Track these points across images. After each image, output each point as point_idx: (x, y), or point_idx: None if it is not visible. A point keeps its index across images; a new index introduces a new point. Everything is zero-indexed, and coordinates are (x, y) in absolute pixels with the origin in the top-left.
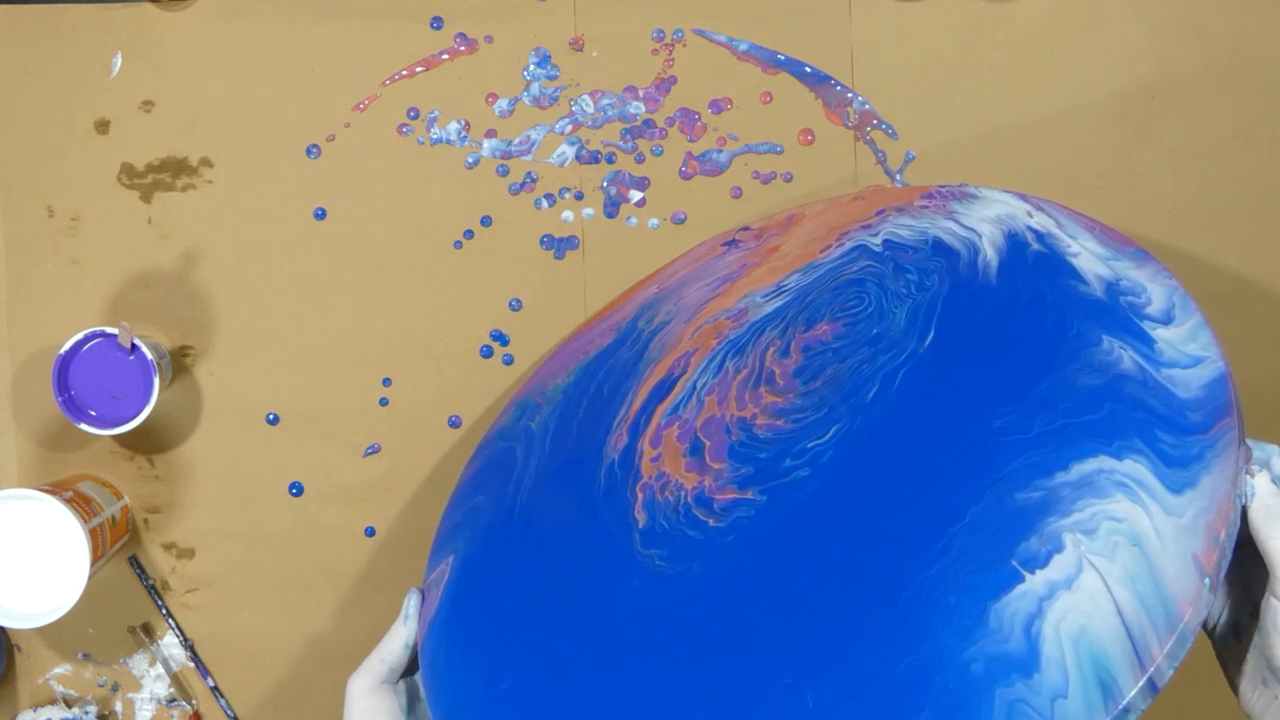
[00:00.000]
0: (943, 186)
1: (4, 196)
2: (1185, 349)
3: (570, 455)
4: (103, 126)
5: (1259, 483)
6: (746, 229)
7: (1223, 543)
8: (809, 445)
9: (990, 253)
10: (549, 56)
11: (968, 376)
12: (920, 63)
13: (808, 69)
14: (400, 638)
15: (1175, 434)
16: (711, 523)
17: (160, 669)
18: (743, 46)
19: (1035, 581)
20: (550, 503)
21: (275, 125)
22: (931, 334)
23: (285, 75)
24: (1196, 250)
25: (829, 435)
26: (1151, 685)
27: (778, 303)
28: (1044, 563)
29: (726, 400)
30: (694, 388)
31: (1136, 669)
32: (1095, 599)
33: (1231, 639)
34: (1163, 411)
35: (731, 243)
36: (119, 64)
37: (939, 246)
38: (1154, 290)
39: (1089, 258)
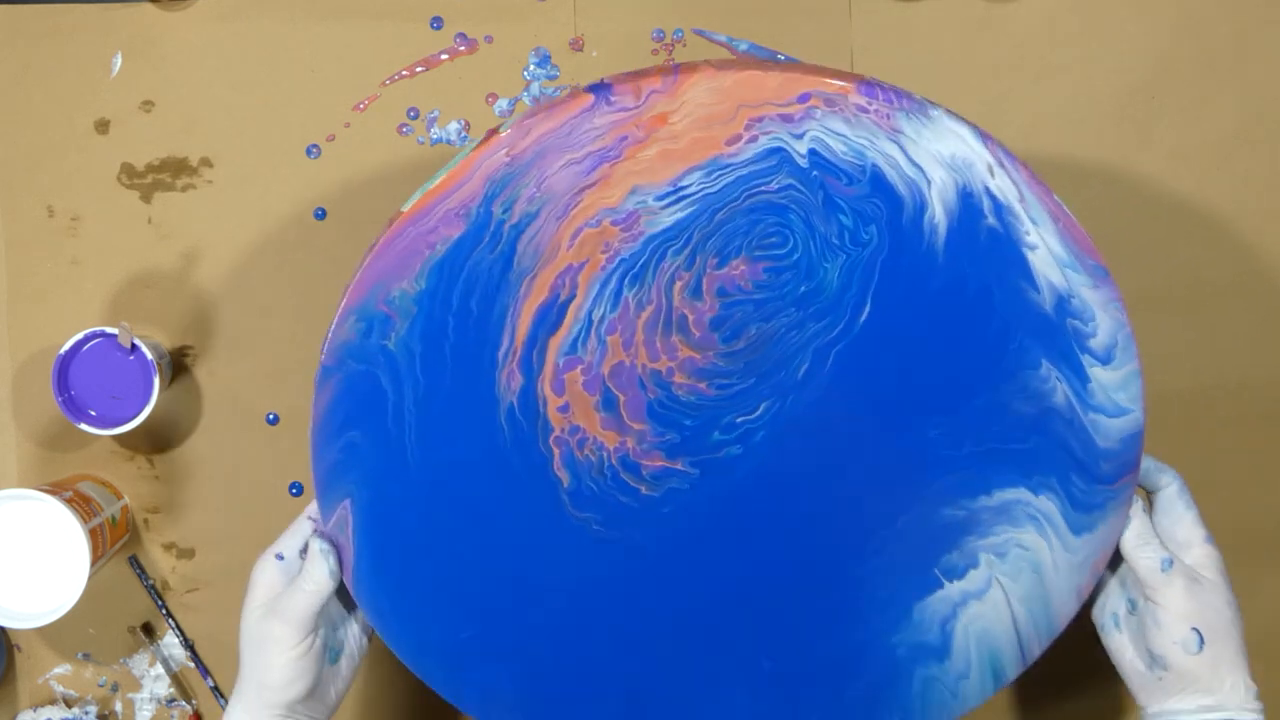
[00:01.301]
0: (884, 85)
1: (4, 196)
2: (1115, 397)
3: (453, 392)
4: (103, 126)
5: (1133, 513)
6: (619, 76)
7: (1102, 575)
8: (738, 420)
9: (939, 212)
10: (549, 56)
11: (905, 372)
12: (920, 63)
13: None
14: (325, 586)
15: (1087, 481)
16: (644, 490)
17: (160, 669)
18: (743, 46)
19: (953, 590)
20: (450, 450)
21: (275, 125)
22: (868, 308)
23: (285, 75)
24: (1196, 250)
25: (759, 412)
26: (1025, 667)
27: (678, 214)
28: (961, 575)
29: (634, 345)
30: (590, 320)
31: (1020, 663)
32: (998, 610)
33: (1114, 629)
34: (1080, 456)
35: (601, 90)
36: (119, 64)
37: (879, 183)
38: (1103, 321)
39: (1046, 256)
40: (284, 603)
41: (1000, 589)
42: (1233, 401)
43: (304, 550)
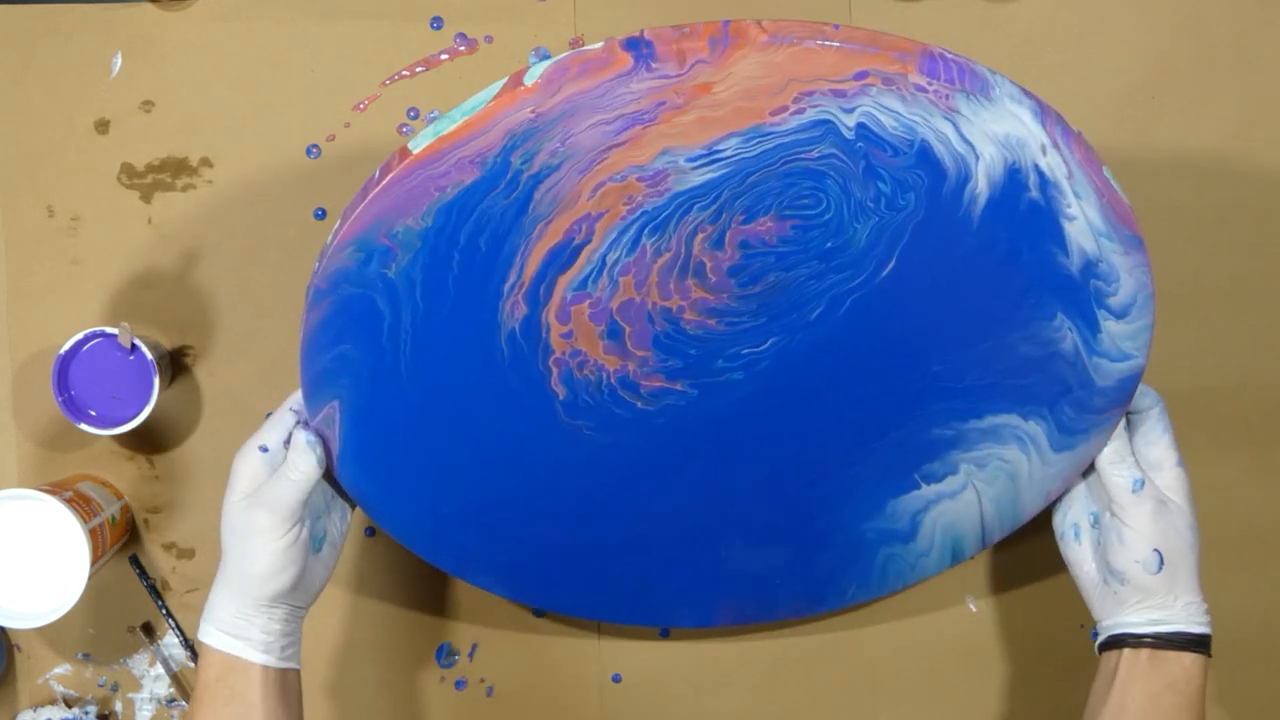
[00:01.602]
0: (951, 58)
1: (4, 196)
2: (1122, 345)
3: (453, 316)
4: (103, 126)
5: (1115, 432)
6: (662, 35)
7: (1071, 483)
8: (743, 351)
9: (983, 184)
10: (549, 56)
11: (918, 319)
12: None
13: None
14: (311, 474)
15: (1077, 410)
16: (639, 405)
17: (160, 669)
18: None
19: (929, 491)
20: (444, 366)
21: (275, 125)
22: (892, 263)
23: (285, 75)
24: (1196, 250)
25: (765, 346)
26: (983, 549)
27: (709, 175)
28: (939, 480)
29: (647, 285)
30: (604, 263)
31: (980, 547)
32: (968, 508)
33: (1073, 541)
34: (1076, 392)
35: (639, 49)
36: (119, 64)
37: (925, 156)
38: (1126, 283)
39: (1083, 225)
40: (269, 492)
41: (974, 491)
42: (1233, 401)
43: (288, 441)
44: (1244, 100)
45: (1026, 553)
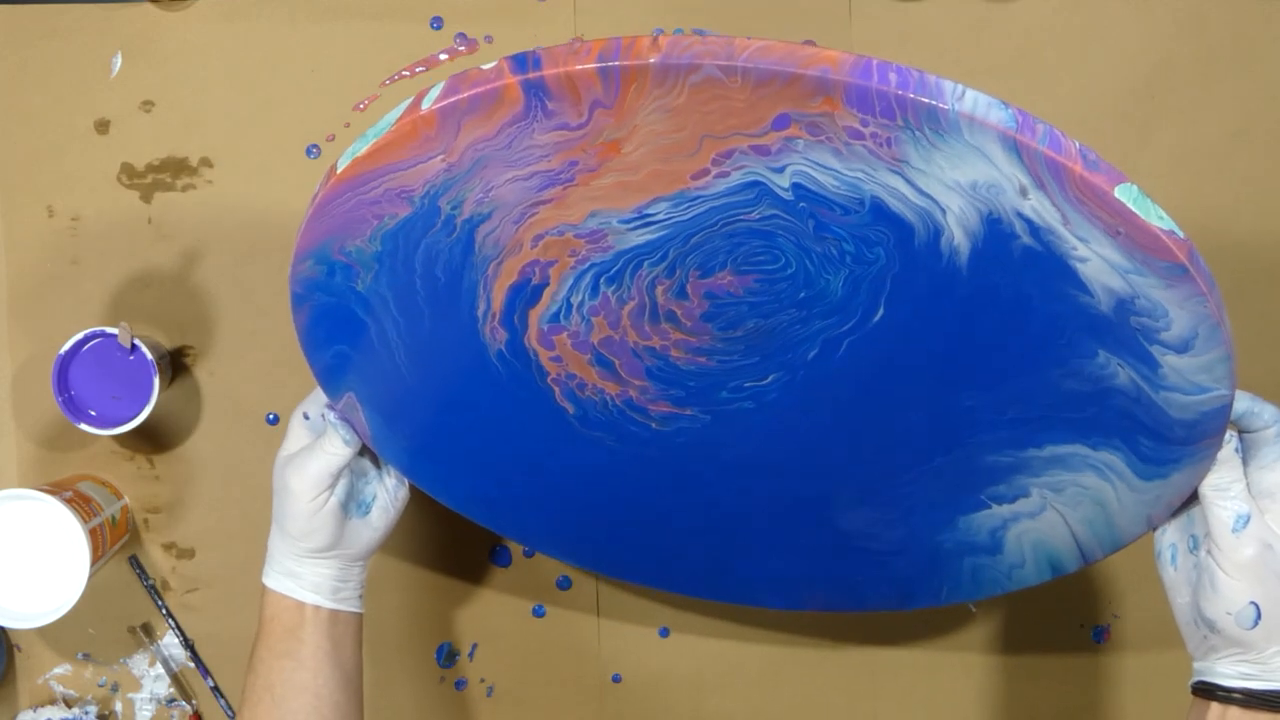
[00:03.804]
0: (888, 72)
1: (4, 196)
2: (1195, 379)
3: (436, 333)
4: (103, 126)
5: (1222, 455)
6: (552, 53)
7: (1174, 509)
8: (746, 385)
9: (959, 236)
10: None
11: (927, 359)
12: (920, 63)
13: None
14: (341, 453)
15: (1157, 441)
16: (653, 425)
17: (160, 669)
18: None
19: (1002, 510)
20: (446, 373)
21: (275, 125)
22: (881, 311)
23: (285, 75)
24: (1196, 250)
25: (768, 380)
26: (1085, 565)
27: (648, 236)
28: (1010, 501)
29: (620, 327)
30: (570, 305)
31: (1079, 561)
32: (1055, 528)
33: (1169, 564)
34: (1149, 424)
35: (532, 90)
36: (119, 64)
37: (881, 212)
38: (1178, 315)
39: (1101, 265)
40: (302, 459)
41: (1056, 513)
42: None
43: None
44: (1244, 100)
45: None
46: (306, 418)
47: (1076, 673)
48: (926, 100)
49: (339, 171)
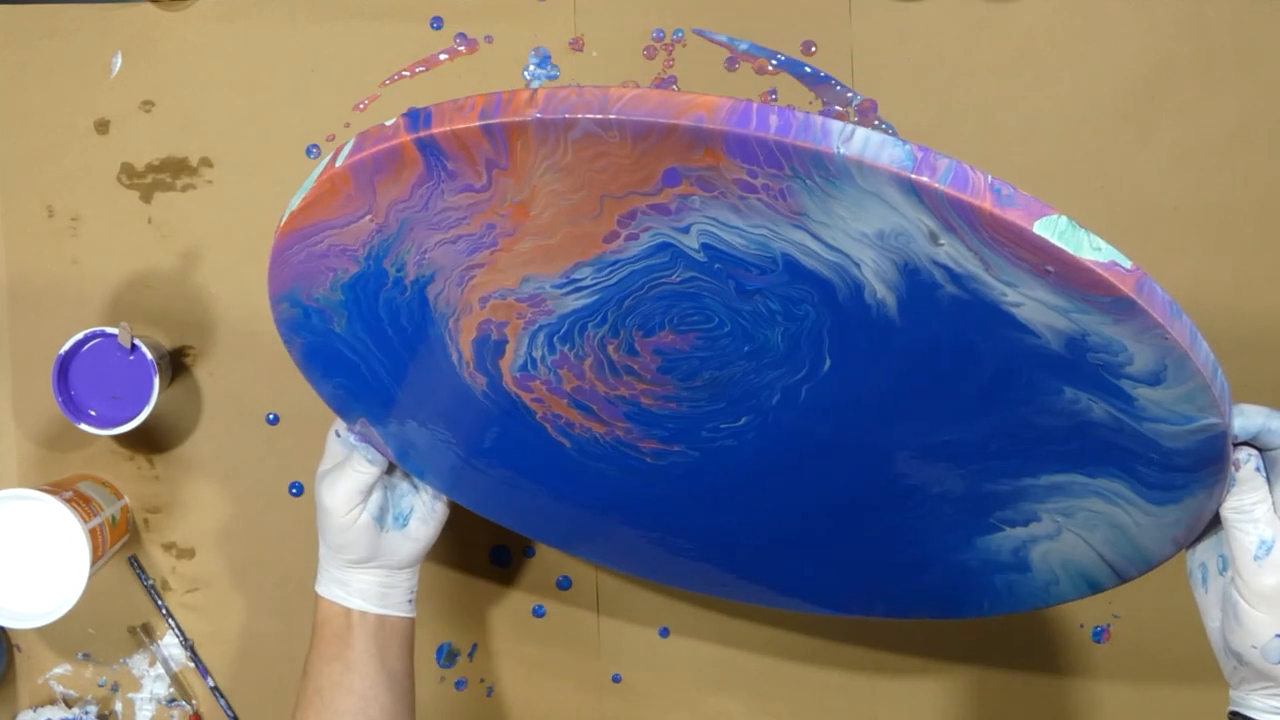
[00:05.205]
0: (765, 116)
1: (4, 196)
2: (1177, 409)
3: (422, 373)
4: (103, 126)
5: (1241, 475)
6: (440, 109)
7: (1199, 529)
8: (721, 426)
9: (881, 289)
10: (549, 56)
11: (891, 401)
12: (920, 63)
13: (807, 69)
14: (367, 472)
15: (1160, 470)
16: (648, 460)
17: (160, 669)
18: (742, 46)
19: (1017, 532)
20: (445, 407)
21: (275, 125)
22: (828, 362)
23: (285, 75)
24: (1196, 250)
25: (741, 423)
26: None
27: (584, 300)
28: (1021, 524)
29: (586, 379)
30: (533, 359)
31: (1115, 579)
32: (1077, 549)
33: (1200, 585)
34: (1143, 453)
35: (429, 151)
36: (119, 64)
37: (796, 270)
38: (1138, 349)
39: (1037, 308)
40: (334, 476)
41: (1074, 535)
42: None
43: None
44: (1244, 100)
45: None
46: (338, 435)
47: (1076, 673)
48: (809, 145)
49: (281, 224)
